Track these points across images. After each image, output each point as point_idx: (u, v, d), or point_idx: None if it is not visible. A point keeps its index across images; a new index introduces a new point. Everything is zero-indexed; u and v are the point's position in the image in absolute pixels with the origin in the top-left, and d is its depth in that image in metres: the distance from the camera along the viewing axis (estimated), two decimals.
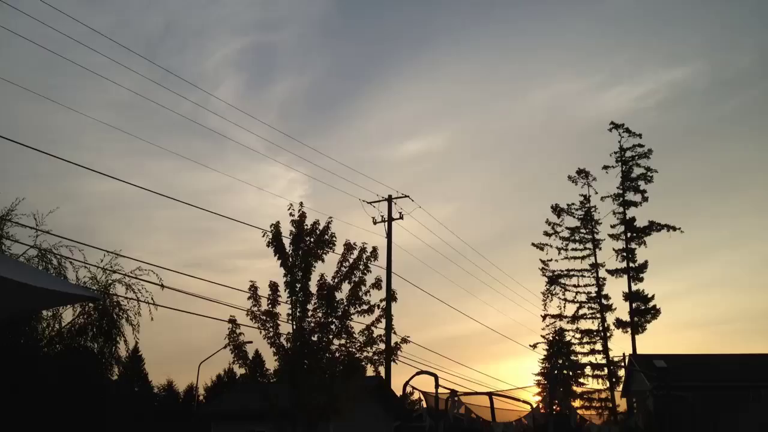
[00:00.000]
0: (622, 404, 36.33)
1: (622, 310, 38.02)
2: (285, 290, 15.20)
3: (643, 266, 37.98)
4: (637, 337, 37.03)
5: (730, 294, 66.23)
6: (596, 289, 38.61)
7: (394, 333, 16.76)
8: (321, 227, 15.61)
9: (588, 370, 37.74)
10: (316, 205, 64.19)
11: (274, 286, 15.28)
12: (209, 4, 70.34)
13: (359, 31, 77.80)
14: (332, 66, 79.37)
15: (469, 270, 60.91)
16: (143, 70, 71.94)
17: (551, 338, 38.37)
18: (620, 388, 37.08)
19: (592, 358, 37.97)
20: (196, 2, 70.21)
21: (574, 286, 38.84)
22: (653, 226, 38.32)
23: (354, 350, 15.16)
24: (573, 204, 39.67)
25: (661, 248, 40.48)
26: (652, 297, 37.45)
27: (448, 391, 17.74)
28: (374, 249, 15.77)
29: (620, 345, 48.19)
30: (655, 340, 58.75)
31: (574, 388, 37.00)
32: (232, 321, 14.99)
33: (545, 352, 38.56)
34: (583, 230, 39.29)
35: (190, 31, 72.50)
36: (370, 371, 16.49)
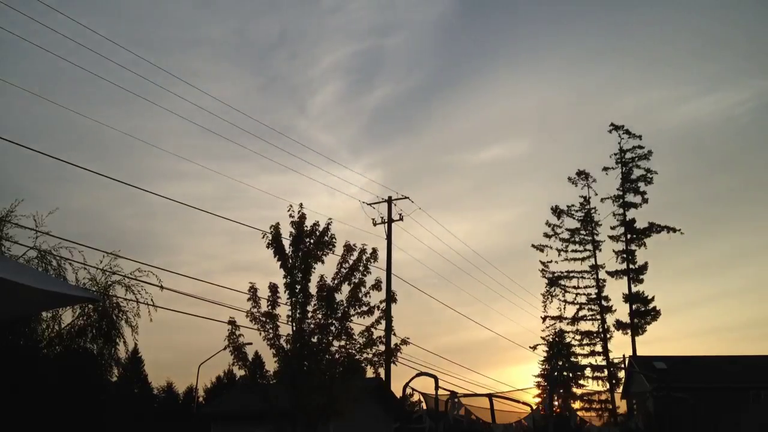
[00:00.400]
0: (622, 406, 36.31)
1: (622, 311, 38.07)
2: (285, 292, 15.18)
3: (643, 268, 37.97)
4: (637, 338, 37.08)
5: (730, 297, 66.23)
6: (596, 291, 38.59)
7: (394, 335, 16.74)
8: (321, 228, 15.60)
9: (588, 372, 37.72)
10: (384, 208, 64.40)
11: (273, 288, 15.25)
12: (327, 13, 71.06)
13: (466, 36, 76.40)
14: (433, 70, 78.60)
15: (476, 276, 60.81)
16: (248, 76, 72.85)
17: (551, 340, 38.37)
18: (620, 389, 37.08)
19: (592, 360, 37.98)
20: (314, 10, 71.40)
21: (574, 287, 38.84)
22: (653, 228, 38.32)
23: (354, 352, 15.13)
24: (573, 205, 39.71)
25: (662, 250, 40.43)
26: (652, 298, 37.46)
27: (448, 392, 17.74)
28: (374, 250, 15.76)
29: (620, 346, 48.20)
30: (655, 342, 58.78)
31: (574, 389, 36.98)
32: (232, 322, 14.97)
33: (545, 354, 38.57)
34: (583, 232, 39.29)
35: (305, 38, 73.58)
36: (369, 372, 16.49)
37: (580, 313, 38.48)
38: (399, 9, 72.29)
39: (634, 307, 37.45)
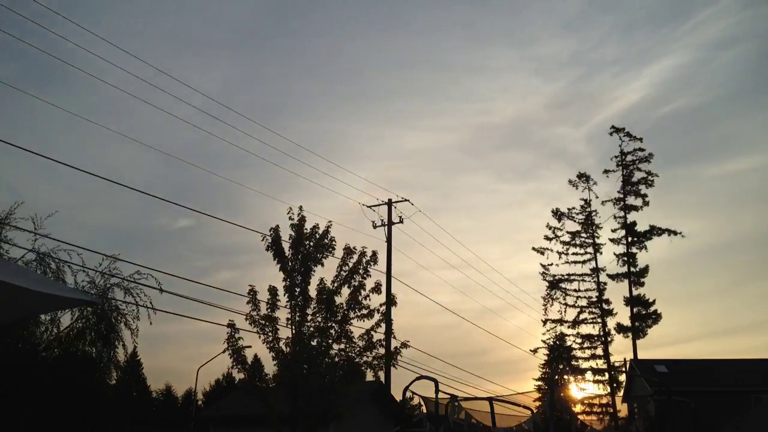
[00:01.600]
0: (623, 409, 36.21)
1: (623, 314, 38.01)
2: (284, 294, 15.12)
3: (644, 271, 37.93)
4: (638, 341, 37.00)
5: (731, 298, 66.14)
6: (597, 294, 38.54)
7: (394, 338, 16.68)
8: (320, 231, 15.56)
9: (589, 375, 37.65)
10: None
11: (273, 291, 15.19)
12: (694, 28, 68.17)
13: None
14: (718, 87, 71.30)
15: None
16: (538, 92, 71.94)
17: (552, 343, 38.30)
18: (621, 393, 36.98)
19: (593, 363, 37.90)
20: (676, 27, 69.41)
21: (575, 290, 38.82)
22: (654, 231, 38.28)
23: (353, 355, 15.06)
24: (573, 208, 39.69)
25: (663, 253, 40.20)
26: (653, 302, 37.40)
27: (448, 396, 17.64)
28: (374, 253, 15.71)
29: (621, 350, 48.02)
30: (656, 345, 58.53)
31: (575, 393, 36.89)
32: (231, 325, 14.89)
33: (546, 357, 38.48)
34: (584, 234, 39.27)
35: (637, 58, 71.45)
36: (369, 376, 16.42)
37: (581, 317, 38.46)
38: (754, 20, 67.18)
39: (635, 310, 37.38)
